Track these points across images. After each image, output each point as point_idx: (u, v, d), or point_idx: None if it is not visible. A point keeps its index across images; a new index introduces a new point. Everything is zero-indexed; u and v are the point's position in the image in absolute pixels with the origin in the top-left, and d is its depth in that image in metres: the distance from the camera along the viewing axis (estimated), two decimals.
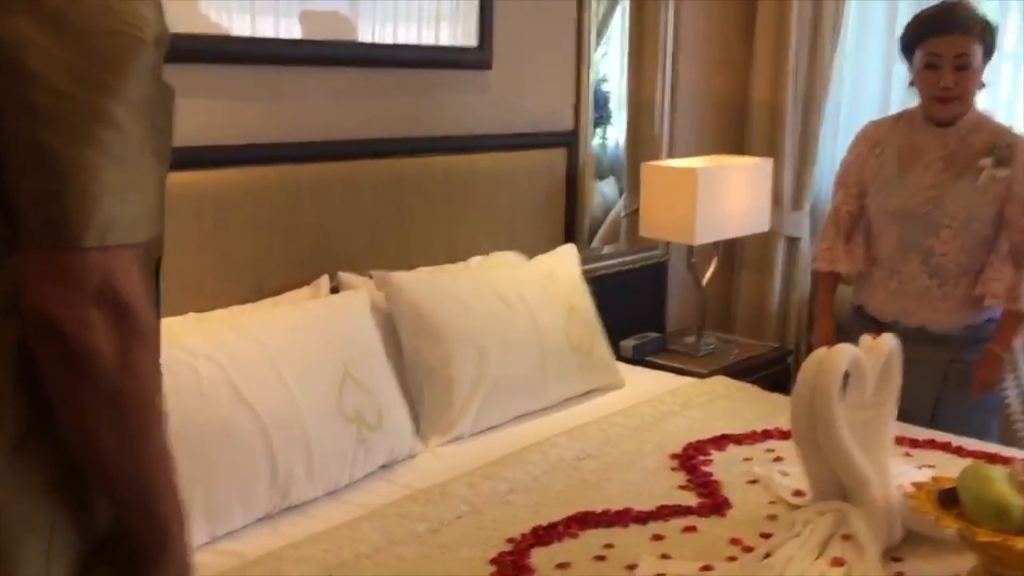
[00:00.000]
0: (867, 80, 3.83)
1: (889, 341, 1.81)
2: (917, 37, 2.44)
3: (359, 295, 2.25)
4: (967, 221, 2.43)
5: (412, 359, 2.32)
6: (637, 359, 3.13)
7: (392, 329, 2.34)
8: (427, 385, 2.30)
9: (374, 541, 1.73)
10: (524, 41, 2.94)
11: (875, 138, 2.61)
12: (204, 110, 2.19)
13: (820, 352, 1.71)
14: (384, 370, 2.17)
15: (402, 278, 2.35)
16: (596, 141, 3.49)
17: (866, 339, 1.82)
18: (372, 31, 2.56)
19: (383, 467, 2.10)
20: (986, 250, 2.46)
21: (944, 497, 1.66)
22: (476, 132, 2.81)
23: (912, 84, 2.52)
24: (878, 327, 2.49)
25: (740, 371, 3.16)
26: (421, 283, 2.37)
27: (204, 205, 2.15)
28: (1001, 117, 2.99)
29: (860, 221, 2.65)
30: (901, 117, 2.61)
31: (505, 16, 2.84)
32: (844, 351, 1.69)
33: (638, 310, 3.45)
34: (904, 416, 1.85)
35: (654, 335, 3.29)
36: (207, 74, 2.19)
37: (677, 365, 3.10)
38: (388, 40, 2.60)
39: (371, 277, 2.39)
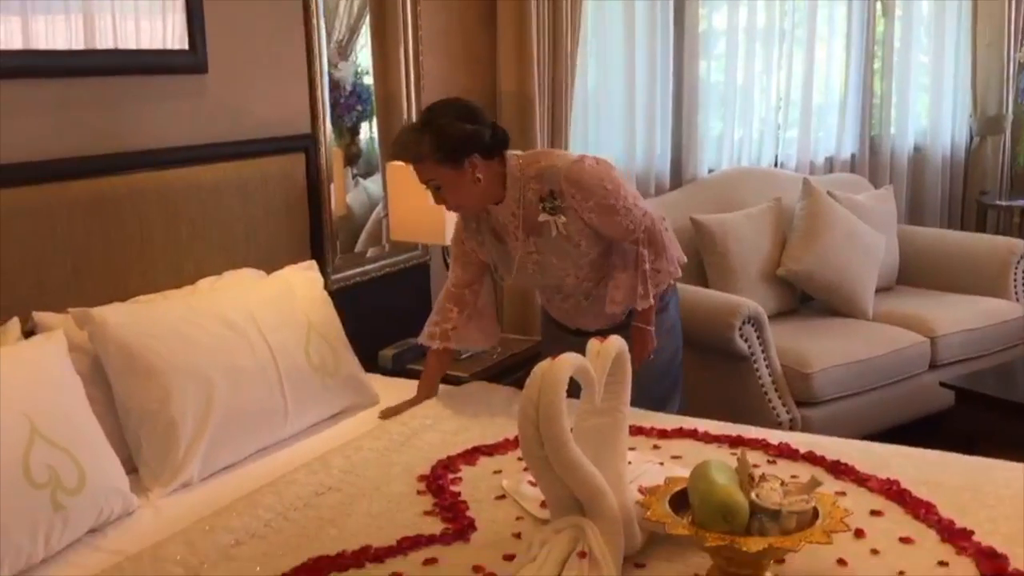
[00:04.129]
0: (611, 66, 3.87)
1: (616, 343, 1.75)
2: None
3: (53, 338, 1.99)
4: (574, 262, 2.44)
5: (125, 403, 2.08)
6: (397, 369, 3.00)
7: (101, 372, 2.09)
8: (144, 431, 2.07)
9: None
10: (244, 40, 2.73)
11: (468, 218, 2.54)
12: None
13: (543, 366, 1.62)
14: (86, 422, 1.92)
15: (105, 313, 2.10)
16: (364, 136, 3.33)
17: (593, 344, 1.76)
18: (59, 37, 2.28)
19: (93, 531, 1.86)
20: (607, 261, 2.48)
21: (677, 499, 1.62)
22: (193, 142, 2.57)
23: None
24: (568, 331, 2.58)
25: (504, 370, 3.10)
26: (129, 316, 2.13)
27: None
28: None
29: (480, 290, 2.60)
30: None
31: (218, 14, 2.61)
32: (567, 362, 1.61)
33: (402, 315, 3.32)
34: None
35: (414, 341, 3.16)
36: None
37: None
38: (80, 45, 2.33)
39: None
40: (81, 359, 2.07)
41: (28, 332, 2.10)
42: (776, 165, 4.48)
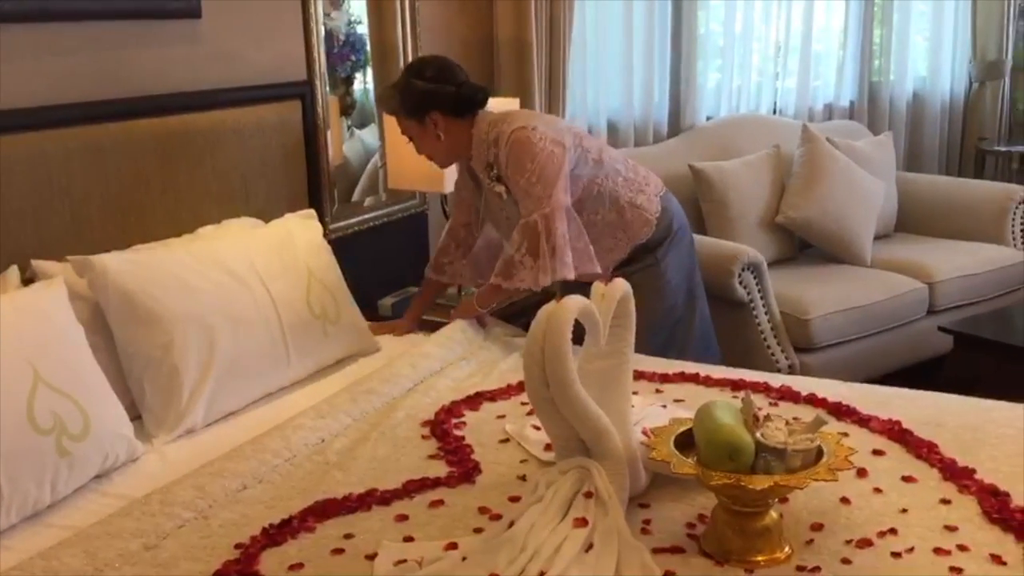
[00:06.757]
0: (609, 14, 3.82)
1: (620, 286, 1.75)
2: None
3: (52, 285, 1.97)
4: None
5: (128, 350, 2.08)
6: (397, 317, 2.99)
7: (101, 320, 2.08)
8: (148, 377, 2.07)
9: (76, 569, 1.51)
10: None
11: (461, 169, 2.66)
12: None
13: (548, 308, 1.62)
14: (88, 368, 1.91)
15: (105, 261, 2.09)
16: (358, 87, 3.29)
17: (598, 287, 1.75)
18: None
19: (99, 477, 1.87)
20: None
21: (682, 439, 1.63)
22: (189, 89, 2.54)
23: None
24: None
25: (506, 316, 3.08)
26: (129, 264, 2.11)
27: None
28: None
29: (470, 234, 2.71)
30: None
31: None
32: (572, 304, 1.61)
33: (400, 264, 3.31)
34: None
35: (415, 290, 3.16)
36: None
37: (439, 319, 2.99)
38: None
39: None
40: (81, 307, 2.05)
41: (27, 280, 2.08)
42: (774, 113, 4.45)
